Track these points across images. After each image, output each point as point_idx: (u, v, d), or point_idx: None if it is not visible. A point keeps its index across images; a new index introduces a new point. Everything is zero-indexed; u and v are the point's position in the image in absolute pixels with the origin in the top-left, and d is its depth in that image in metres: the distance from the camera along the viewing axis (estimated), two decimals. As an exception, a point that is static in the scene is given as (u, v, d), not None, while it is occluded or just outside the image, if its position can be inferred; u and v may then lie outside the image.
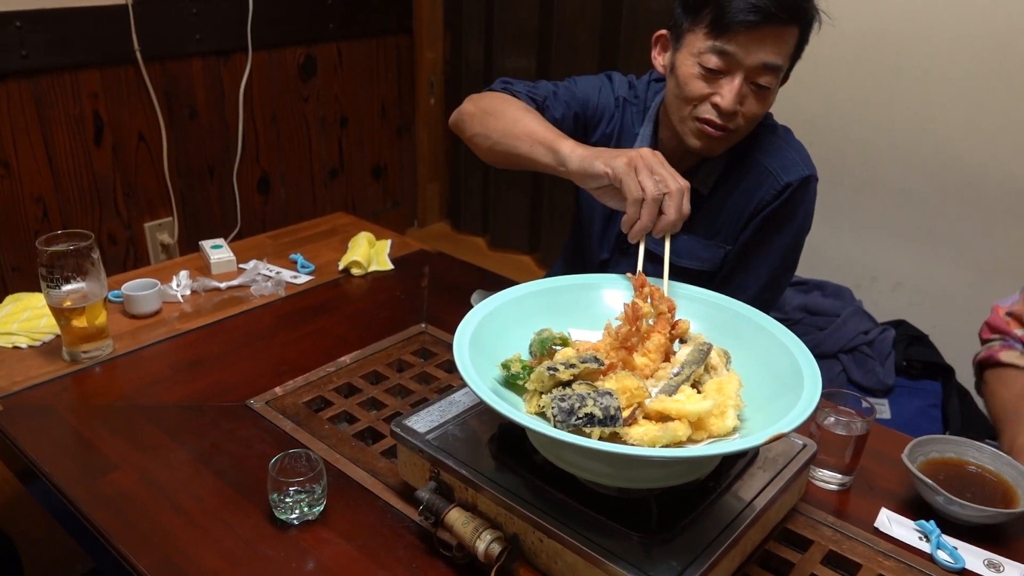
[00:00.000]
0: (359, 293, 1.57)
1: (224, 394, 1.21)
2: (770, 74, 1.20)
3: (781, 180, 1.30)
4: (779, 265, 1.36)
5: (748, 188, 1.32)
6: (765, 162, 1.32)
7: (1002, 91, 2.00)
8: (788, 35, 1.19)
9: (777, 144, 1.34)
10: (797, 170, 1.30)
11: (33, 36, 2.14)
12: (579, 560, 0.81)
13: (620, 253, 1.45)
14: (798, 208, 1.32)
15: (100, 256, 1.25)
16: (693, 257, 1.37)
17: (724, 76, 1.21)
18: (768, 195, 1.30)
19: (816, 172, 1.34)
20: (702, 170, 1.34)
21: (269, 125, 2.81)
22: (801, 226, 1.35)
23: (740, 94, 1.21)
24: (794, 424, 0.75)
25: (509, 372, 0.86)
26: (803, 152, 1.35)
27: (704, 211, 1.35)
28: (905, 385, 1.93)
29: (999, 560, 0.93)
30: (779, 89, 1.29)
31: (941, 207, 2.17)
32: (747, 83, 1.21)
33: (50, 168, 2.29)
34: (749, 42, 1.17)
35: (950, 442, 1.06)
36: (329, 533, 0.94)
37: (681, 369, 0.86)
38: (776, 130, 1.36)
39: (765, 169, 1.31)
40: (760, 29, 1.16)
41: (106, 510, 0.97)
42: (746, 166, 1.33)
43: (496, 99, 1.35)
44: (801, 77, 1.34)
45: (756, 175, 1.32)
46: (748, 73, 1.20)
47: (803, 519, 0.99)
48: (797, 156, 1.33)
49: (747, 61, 1.19)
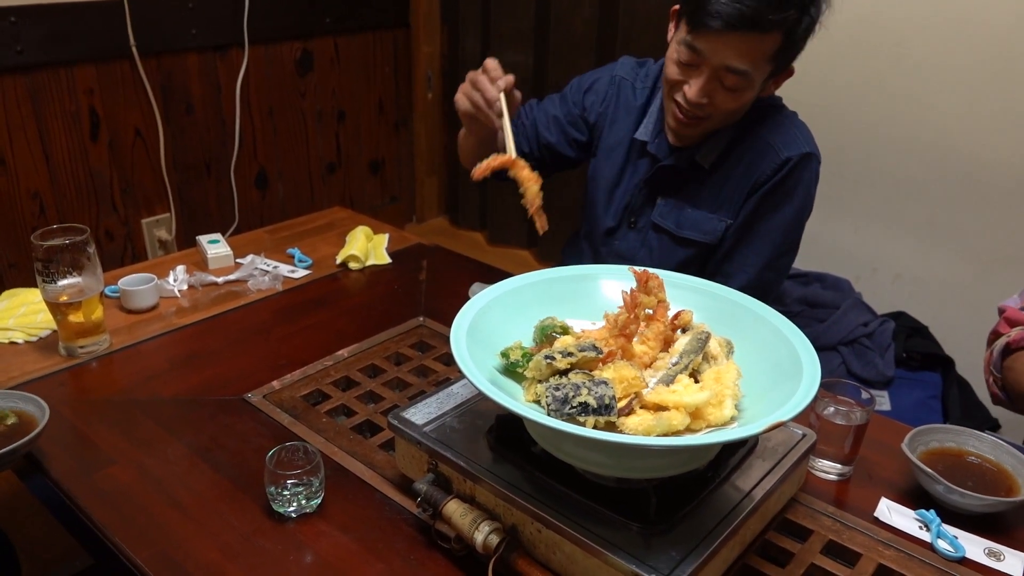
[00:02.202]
0: (357, 287, 1.56)
1: (221, 388, 1.21)
2: (735, 77, 1.25)
3: (781, 154, 1.34)
4: (780, 243, 1.39)
5: (750, 162, 1.37)
6: (768, 138, 1.36)
7: (1003, 81, 1.99)
8: (762, 41, 1.23)
9: (781, 122, 1.38)
10: (798, 146, 1.35)
11: (28, 31, 2.13)
12: (577, 551, 0.80)
13: (627, 226, 1.51)
14: (798, 185, 1.36)
15: (96, 251, 1.24)
16: (695, 229, 1.42)
17: (695, 69, 1.27)
18: (769, 169, 1.35)
19: (819, 152, 1.39)
20: (706, 145, 1.39)
21: (266, 120, 2.81)
22: (802, 205, 1.37)
23: (706, 89, 1.27)
24: (793, 412, 0.75)
25: (508, 360, 0.86)
26: (806, 131, 1.39)
27: (708, 185, 1.40)
28: (905, 377, 1.92)
29: (999, 549, 0.93)
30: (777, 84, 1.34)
31: (941, 198, 2.16)
32: (716, 80, 1.26)
33: (46, 164, 2.29)
34: (717, 43, 1.23)
35: (950, 431, 1.05)
36: (327, 526, 0.94)
37: (679, 358, 0.85)
38: (783, 111, 1.41)
39: (767, 144, 1.36)
40: (728, 34, 1.21)
41: (103, 505, 0.96)
42: (748, 141, 1.37)
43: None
44: (800, 66, 1.34)
45: (758, 150, 1.36)
46: (715, 71, 1.26)
47: (803, 509, 0.98)
48: (799, 134, 1.37)
49: (713, 61, 1.25)
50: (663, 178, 1.45)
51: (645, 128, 1.47)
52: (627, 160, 1.50)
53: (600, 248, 1.57)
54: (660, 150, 1.44)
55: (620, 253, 1.52)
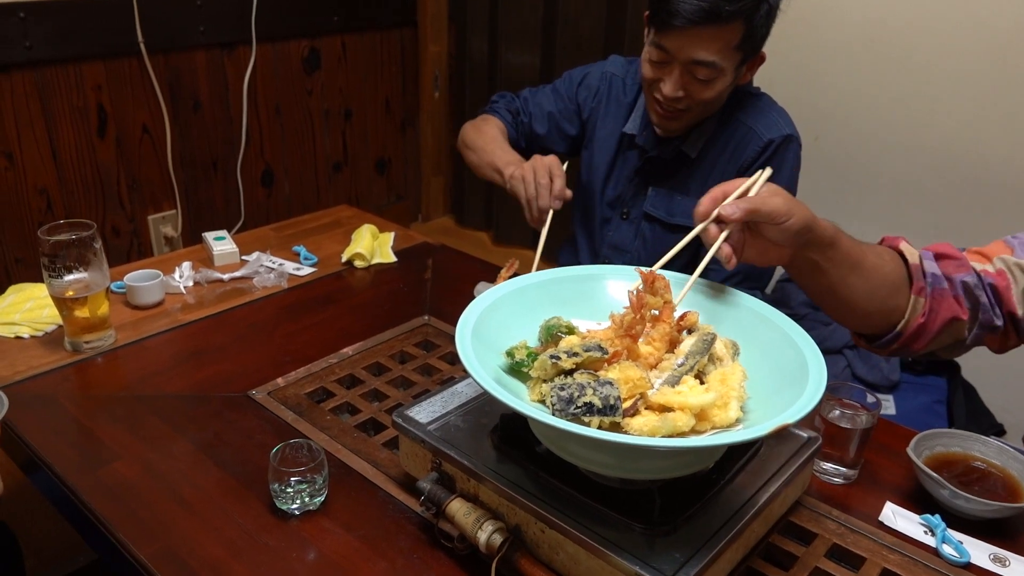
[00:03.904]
0: (362, 285, 1.56)
1: (226, 385, 1.21)
2: (706, 68, 1.31)
3: (763, 137, 1.41)
4: None
5: (735, 148, 1.44)
6: (749, 123, 1.43)
7: (1008, 86, 1.98)
8: (726, 32, 1.28)
9: (761, 108, 1.45)
10: (779, 129, 1.42)
11: (37, 28, 2.14)
12: (581, 551, 0.80)
13: (620, 216, 1.59)
14: (782, 166, 1.42)
15: (103, 246, 1.25)
16: (687, 215, 1.46)
17: (667, 66, 1.34)
18: (752, 152, 1.42)
19: (799, 135, 1.45)
20: (691, 135, 1.46)
21: (273, 118, 2.81)
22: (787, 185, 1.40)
23: (680, 83, 1.34)
24: (799, 415, 0.74)
25: (513, 359, 0.86)
26: (786, 116, 1.46)
27: (696, 173, 1.47)
28: (910, 381, 1.92)
29: (1005, 554, 0.92)
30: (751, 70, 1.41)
31: (946, 202, 2.15)
32: (688, 74, 1.33)
33: (54, 160, 2.29)
34: (682, 40, 1.29)
35: (956, 436, 1.05)
36: (330, 523, 0.94)
37: (685, 359, 0.85)
38: (761, 97, 1.48)
39: (749, 129, 1.43)
40: (691, 29, 1.27)
41: (107, 500, 0.97)
42: (731, 128, 1.44)
43: (475, 130, 1.61)
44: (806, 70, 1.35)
45: (741, 135, 1.44)
46: (685, 66, 1.32)
47: (807, 512, 0.98)
48: (780, 118, 1.45)
49: (681, 56, 1.31)
50: (652, 169, 1.52)
51: (633, 122, 1.54)
52: (617, 153, 1.57)
53: (595, 240, 1.62)
54: (648, 142, 1.51)
55: (614, 244, 1.59)
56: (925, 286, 0.98)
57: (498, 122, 1.63)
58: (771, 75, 2.39)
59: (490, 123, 1.62)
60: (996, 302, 1.00)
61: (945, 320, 0.98)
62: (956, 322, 0.99)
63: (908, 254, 1.01)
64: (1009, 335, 1.02)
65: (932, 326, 0.98)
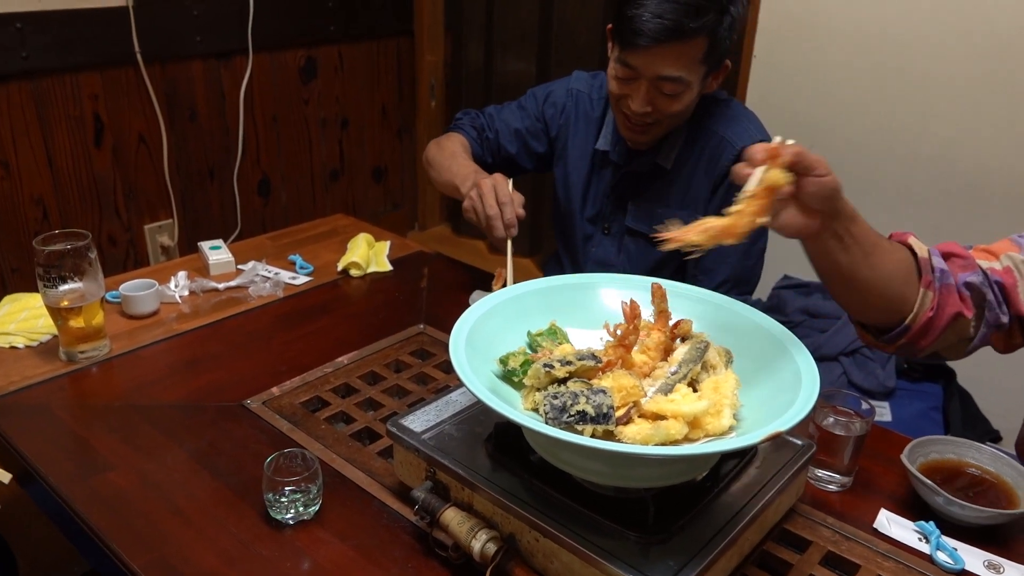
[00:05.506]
0: (357, 294, 1.56)
1: (221, 394, 1.21)
2: (671, 83, 1.32)
3: (736, 146, 1.40)
4: None
5: (709, 158, 1.43)
6: (722, 132, 1.43)
7: (1004, 92, 1.99)
8: (690, 47, 1.28)
9: (729, 115, 1.45)
10: (750, 136, 1.41)
11: (33, 37, 2.14)
12: (575, 560, 0.80)
13: (602, 232, 1.57)
14: None
15: (98, 256, 1.25)
16: None
17: (633, 82, 1.34)
18: (727, 162, 1.40)
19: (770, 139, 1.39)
20: (664, 146, 1.45)
21: (270, 127, 2.81)
22: None
23: (647, 99, 1.33)
24: (791, 423, 0.75)
25: (507, 367, 0.86)
26: (757, 121, 1.46)
27: (675, 184, 1.47)
28: (906, 388, 1.92)
29: (999, 561, 0.92)
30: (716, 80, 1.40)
31: (943, 209, 2.16)
32: (655, 89, 1.33)
33: (50, 169, 2.29)
34: (647, 57, 1.29)
35: (950, 443, 1.05)
36: (325, 533, 0.94)
37: (678, 368, 0.85)
38: (731, 104, 1.48)
39: (722, 139, 1.42)
40: (655, 47, 1.27)
41: (102, 510, 0.96)
42: (704, 138, 1.44)
43: (437, 147, 1.59)
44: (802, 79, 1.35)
45: (714, 145, 1.43)
46: (651, 82, 1.32)
47: (802, 520, 0.98)
48: (751, 125, 1.44)
49: (647, 73, 1.31)
50: (629, 183, 1.51)
51: (604, 138, 1.53)
52: (592, 170, 1.56)
53: (578, 256, 1.61)
54: (621, 157, 1.50)
55: (598, 259, 1.58)
56: (934, 280, 0.98)
57: (461, 138, 1.60)
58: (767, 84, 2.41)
59: (453, 139, 1.59)
60: (1003, 300, 1.01)
61: (951, 316, 0.99)
62: (960, 318, 0.99)
63: (917, 248, 1.01)
64: (1014, 334, 1.03)
65: (939, 322, 0.99)
